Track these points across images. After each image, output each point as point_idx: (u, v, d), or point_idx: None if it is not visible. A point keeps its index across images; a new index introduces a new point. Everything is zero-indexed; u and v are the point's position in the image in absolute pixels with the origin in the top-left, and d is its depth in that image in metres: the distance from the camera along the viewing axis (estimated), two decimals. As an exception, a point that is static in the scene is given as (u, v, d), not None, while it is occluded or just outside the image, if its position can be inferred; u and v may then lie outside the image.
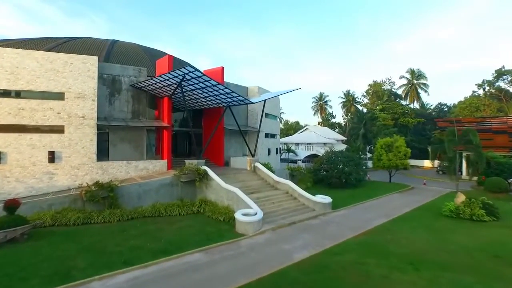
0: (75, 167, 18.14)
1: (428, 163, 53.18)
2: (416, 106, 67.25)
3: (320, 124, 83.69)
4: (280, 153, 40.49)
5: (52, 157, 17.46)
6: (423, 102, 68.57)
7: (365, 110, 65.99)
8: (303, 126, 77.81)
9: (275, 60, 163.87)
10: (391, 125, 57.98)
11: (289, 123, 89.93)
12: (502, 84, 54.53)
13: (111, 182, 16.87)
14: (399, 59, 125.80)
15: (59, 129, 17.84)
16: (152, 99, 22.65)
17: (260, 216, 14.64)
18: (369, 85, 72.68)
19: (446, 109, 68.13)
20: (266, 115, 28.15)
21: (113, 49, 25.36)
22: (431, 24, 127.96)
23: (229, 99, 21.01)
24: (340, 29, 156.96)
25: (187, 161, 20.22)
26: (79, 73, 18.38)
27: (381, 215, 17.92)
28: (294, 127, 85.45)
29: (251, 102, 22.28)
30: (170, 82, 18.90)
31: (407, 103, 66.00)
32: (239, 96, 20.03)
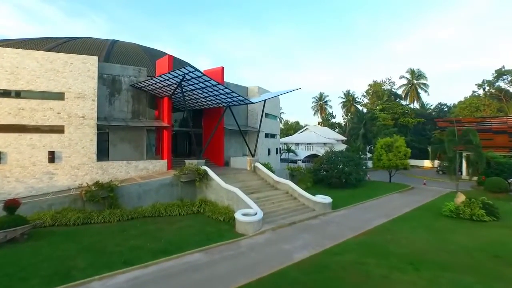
0: (75, 167, 18.15)
1: (428, 163, 53.19)
2: (416, 106, 67.32)
3: (320, 124, 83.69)
4: (280, 153, 40.48)
5: (52, 157, 17.47)
6: (423, 102, 68.72)
7: (365, 110, 66.07)
8: (303, 126, 77.79)
9: (275, 60, 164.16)
10: (391, 125, 57.98)
11: (289, 123, 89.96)
12: (502, 84, 54.61)
13: (111, 182, 16.88)
14: (399, 59, 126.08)
15: (59, 129, 17.84)
16: (152, 99, 22.65)
17: (260, 216, 14.64)
18: (369, 85, 72.76)
19: (446, 109, 68.15)
20: (266, 115, 28.16)
21: (113, 49, 25.37)
22: (431, 24, 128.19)
23: (229, 99, 21.01)
24: (340, 29, 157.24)
25: (187, 161, 20.23)
26: (79, 73, 18.39)
27: (381, 215, 17.92)
28: (294, 127, 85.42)
29: (251, 102, 22.28)
30: (170, 82, 18.91)
31: (407, 103, 66.02)
32: (239, 96, 20.03)
